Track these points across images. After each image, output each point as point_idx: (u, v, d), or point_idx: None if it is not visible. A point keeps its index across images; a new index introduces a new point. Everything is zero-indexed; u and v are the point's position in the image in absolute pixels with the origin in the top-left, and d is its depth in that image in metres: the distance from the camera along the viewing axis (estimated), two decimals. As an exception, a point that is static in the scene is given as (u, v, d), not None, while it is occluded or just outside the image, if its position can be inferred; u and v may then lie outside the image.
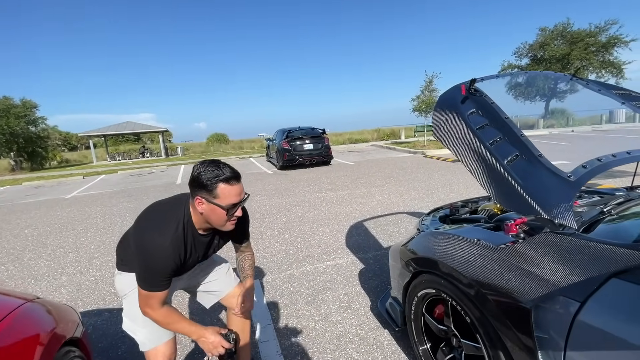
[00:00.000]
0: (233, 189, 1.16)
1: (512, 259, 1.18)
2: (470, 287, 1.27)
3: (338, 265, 3.08)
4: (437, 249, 1.51)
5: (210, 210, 1.17)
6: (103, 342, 2.16)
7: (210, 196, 1.15)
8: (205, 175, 1.14)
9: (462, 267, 1.33)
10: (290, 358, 1.89)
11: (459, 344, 1.44)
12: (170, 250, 1.18)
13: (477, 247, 1.34)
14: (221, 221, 1.21)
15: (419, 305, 1.64)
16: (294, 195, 6.30)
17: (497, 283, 1.17)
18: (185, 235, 1.24)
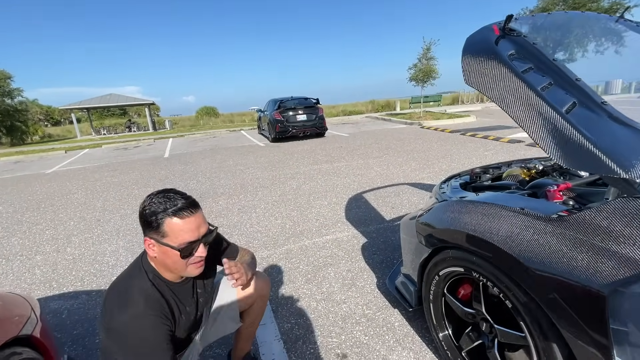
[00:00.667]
0: (186, 223, 0.93)
1: (576, 232, 0.92)
2: (515, 267, 1.03)
3: (338, 239, 2.86)
4: (467, 220, 1.26)
5: (163, 253, 0.95)
6: (79, 328, 1.92)
7: (158, 235, 0.93)
8: (150, 209, 0.92)
9: (504, 242, 1.07)
10: (291, 343, 1.68)
11: (491, 329, 1.23)
12: (151, 315, 0.93)
13: (522, 217, 1.08)
14: (180, 265, 0.97)
15: (440, 285, 1.42)
16: (288, 168, 6.00)
17: (557, 262, 0.93)
18: (159, 290, 0.99)
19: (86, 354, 1.71)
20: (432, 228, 1.45)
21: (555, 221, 0.99)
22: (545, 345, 0.97)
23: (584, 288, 0.85)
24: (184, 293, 1.09)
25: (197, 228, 0.95)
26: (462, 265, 1.26)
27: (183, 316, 1.06)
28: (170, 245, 0.92)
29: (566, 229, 0.95)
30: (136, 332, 0.88)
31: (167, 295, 1.00)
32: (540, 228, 1.01)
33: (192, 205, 0.96)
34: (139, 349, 0.88)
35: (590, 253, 0.87)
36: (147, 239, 0.94)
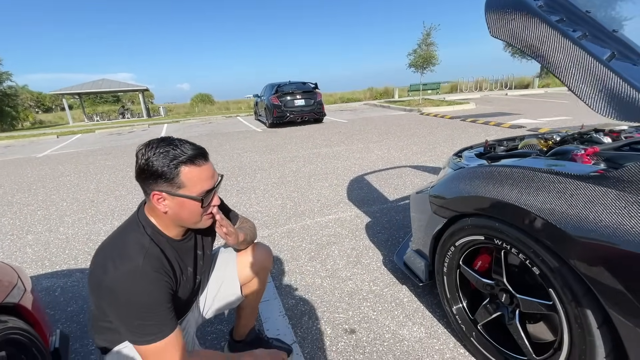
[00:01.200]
0: (203, 171, 0.85)
1: (621, 190, 0.84)
2: (548, 230, 0.95)
3: (341, 219, 2.78)
4: (489, 186, 1.17)
5: (178, 206, 0.85)
6: (73, 305, 1.84)
7: (172, 187, 0.83)
8: (158, 160, 0.80)
9: (534, 205, 0.99)
10: (296, 319, 1.61)
11: (512, 300, 1.16)
12: (150, 271, 0.83)
13: (555, 178, 0.99)
14: (195, 217, 0.89)
15: (455, 257, 1.34)
16: (286, 152, 5.88)
17: (597, 224, 0.85)
18: (158, 246, 0.89)
19: (81, 330, 1.63)
20: (448, 197, 1.36)
21: (595, 179, 0.90)
22: (577, 312, 0.90)
23: (630, 252, 0.77)
24: (185, 251, 1.00)
25: (211, 176, 0.87)
26: (482, 233, 1.18)
27: (184, 276, 0.97)
28: (188, 196, 0.83)
29: (608, 187, 0.87)
30: (134, 288, 0.78)
31: (167, 252, 0.91)
32: (577, 188, 0.92)
33: (204, 154, 0.86)
34: (137, 308, 0.78)
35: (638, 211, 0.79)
36: (157, 193, 0.83)
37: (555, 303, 0.97)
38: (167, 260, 0.88)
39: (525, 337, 1.12)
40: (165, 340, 0.82)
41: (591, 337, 0.88)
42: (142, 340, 0.81)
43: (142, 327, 0.80)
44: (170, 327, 0.83)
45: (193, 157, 0.83)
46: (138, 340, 0.81)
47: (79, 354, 1.48)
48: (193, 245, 1.03)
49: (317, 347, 1.43)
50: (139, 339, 0.81)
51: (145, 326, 0.80)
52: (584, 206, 0.89)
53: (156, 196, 0.83)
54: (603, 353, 0.88)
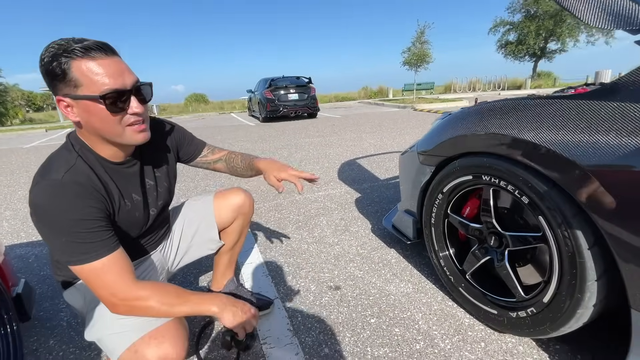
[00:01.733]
0: (100, 65, 0.69)
1: (619, 100, 0.80)
2: (536, 154, 0.90)
3: (331, 194, 2.73)
4: (477, 123, 1.13)
5: (85, 112, 0.72)
6: (46, 270, 1.75)
7: (69, 87, 0.70)
8: (48, 57, 0.68)
9: (523, 131, 0.95)
10: (279, 279, 1.55)
11: (500, 242, 1.11)
12: (71, 184, 0.72)
13: (549, 101, 0.95)
14: (112, 126, 0.74)
15: (443, 206, 1.29)
16: (279, 141, 5.82)
17: (588, 141, 0.81)
18: (88, 164, 0.78)
19: (52, 291, 1.55)
20: (436, 144, 1.32)
21: (590, 95, 0.86)
22: (568, 234, 0.85)
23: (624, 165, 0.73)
24: (128, 177, 0.88)
25: (119, 74, 0.72)
26: (470, 172, 1.14)
27: (127, 202, 0.86)
28: (87, 96, 0.70)
29: (599, 100, 0.83)
30: (54, 201, 0.70)
31: (99, 172, 0.80)
32: (570, 107, 0.88)
33: (105, 47, 0.71)
34: (61, 223, 0.70)
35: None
36: (61, 99, 0.71)
37: (544, 231, 0.92)
38: (97, 178, 0.79)
39: (514, 277, 1.07)
40: (103, 260, 0.73)
41: (582, 259, 0.84)
42: (75, 259, 0.72)
43: (71, 245, 0.71)
44: (108, 248, 0.74)
45: (86, 49, 0.68)
46: (71, 259, 0.72)
47: (48, 312, 1.40)
48: (138, 172, 0.91)
49: (299, 302, 1.36)
50: (72, 259, 0.72)
51: (74, 244, 0.71)
52: (574, 125, 0.84)
53: (61, 103, 0.72)
54: (594, 276, 0.83)
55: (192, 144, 1.14)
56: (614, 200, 0.75)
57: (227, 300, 0.81)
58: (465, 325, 1.19)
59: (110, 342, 0.79)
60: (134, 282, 0.76)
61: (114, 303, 0.74)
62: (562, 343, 1.07)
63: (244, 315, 0.81)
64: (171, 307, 0.76)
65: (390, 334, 1.16)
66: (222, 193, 1.23)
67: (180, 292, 0.80)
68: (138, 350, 0.75)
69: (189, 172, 3.83)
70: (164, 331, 0.78)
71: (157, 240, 1.07)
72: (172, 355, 0.76)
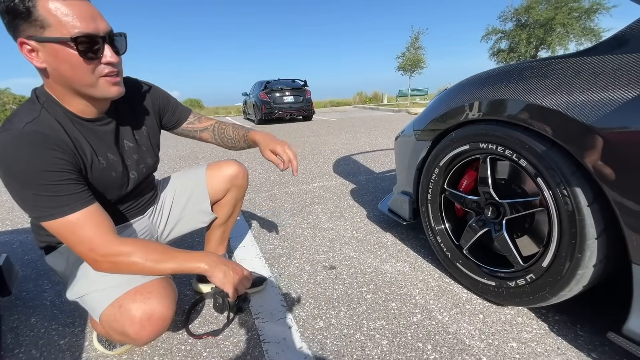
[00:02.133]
0: (71, 6, 0.63)
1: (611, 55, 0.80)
2: (537, 115, 0.89)
3: (326, 186, 2.70)
4: (475, 92, 1.12)
5: (53, 58, 0.66)
6: (31, 254, 1.69)
7: (35, 28, 0.63)
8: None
9: (520, 93, 0.94)
10: (273, 260, 1.51)
11: (498, 213, 1.10)
12: (33, 134, 0.67)
13: (545, 62, 0.95)
14: (84, 75, 0.68)
15: (439, 181, 1.28)
16: (273, 140, 5.79)
17: (585, 97, 0.80)
18: (55, 118, 0.73)
19: (35, 274, 1.49)
20: (433, 118, 1.31)
21: (587, 52, 0.86)
22: (567, 192, 0.84)
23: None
24: (101, 135, 0.81)
25: (91, 18, 0.65)
26: (467, 141, 1.12)
27: (100, 160, 0.80)
28: (57, 38, 0.63)
29: (595, 55, 0.82)
30: (15, 152, 0.65)
31: (67, 126, 0.74)
32: (567, 66, 0.88)
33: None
34: (25, 175, 0.65)
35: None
36: (23, 41, 0.64)
37: (543, 192, 0.91)
38: (65, 132, 0.73)
39: (512, 246, 1.06)
40: (77, 214, 0.68)
41: (581, 217, 0.82)
42: (45, 214, 0.67)
43: (40, 199, 0.67)
44: (82, 202, 0.70)
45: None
46: (41, 214, 0.68)
47: (31, 292, 1.34)
48: (113, 131, 0.85)
49: (294, 281, 1.33)
50: (42, 213, 0.68)
51: (43, 197, 0.67)
52: (572, 83, 0.84)
53: (24, 46, 0.65)
54: (594, 234, 0.82)
55: (178, 110, 1.08)
56: (615, 154, 0.74)
57: (218, 258, 0.77)
58: (463, 300, 1.16)
59: (93, 298, 0.76)
60: (115, 238, 0.72)
61: (95, 259, 0.71)
62: (561, 314, 1.05)
63: (235, 275, 0.77)
64: (157, 264, 0.72)
65: (386, 308, 1.13)
66: (216, 164, 1.20)
67: (166, 248, 0.76)
68: (122, 304, 0.72)
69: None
70: (151, 287, 0.75)
71: (143, 206, 1.03)
72: (159, 311, 0.72)
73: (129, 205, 0.97)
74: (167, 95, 1.05)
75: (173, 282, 0.81)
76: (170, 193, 1.14)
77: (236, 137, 1.14)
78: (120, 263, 0.71)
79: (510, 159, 0.99)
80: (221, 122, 1.17)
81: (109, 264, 0.71)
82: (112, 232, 0.73)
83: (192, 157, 4.32)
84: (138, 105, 0.95)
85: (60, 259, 0.89)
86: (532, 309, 1.09)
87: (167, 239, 1.14)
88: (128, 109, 0.90)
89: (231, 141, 1.15)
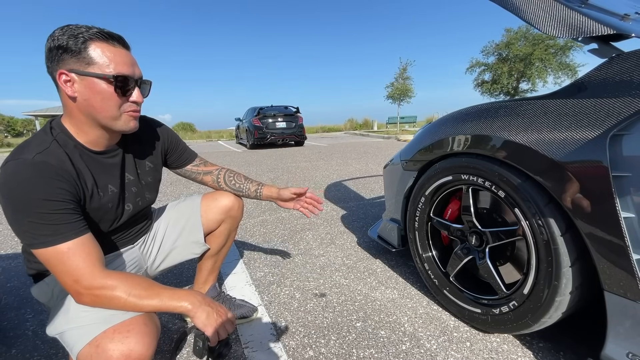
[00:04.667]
0: (118, 53, 0.75)
1: (578, 98, 0.89)
2: (513, 152, 0.97)
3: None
4: (455, 126, 1.20)
5: (88, 89, 0.73)
6: (14, 282, 1.65)
7: (80, 63, 0.71)
8: (64, 35, 0.71)
9: (502, 130, 1.03)
10: (263, 287, 1.51)
11: (481, 241, 1.15)
12: (39, 163, 0.70)
13: (512, 104, 1.04)
14: (111, 108, 0.76)
15: (426, 209, 1.33)
16: (265, 165, 5.86)
17: (554, 136, 0.88)
18: (64, 149, 0.77)
19: (18, 302, 1.45)
20: (419, 149, 1.38)
21: (554, 95, 0.95)
22: (542, 222, 0.90)
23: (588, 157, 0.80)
24: (106, 167, 0.86)
25: (131, 64, 0.77)
26: (450, 172, 1.19)
27: (100, 192, 0.83)
28: (99, 74, 0.72)
29: (562, 98, 0.91)
30: (18, 178, 0.68)
31: (74, 158, 0.78)
32: (537, 106, 0.97)
33: (123, 40, 0.77)
34: (25, 202, 0.67)
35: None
36: (64, 72, 0.71)
37: (520, 222, 0.96)
38: (71, 164, 0.77)
39: (496, 273, 1.10)
40: (68, 244, 0.70)
41: (556, 246, 0.88)
42: (38, 242, 0.69)
43: (35, 226, 0.68)
44: (75, 232, 0.71)
45: (106, 35, 0.74)
46: (34, 242, 0.69)
47: (13, 322, 1.31)
48: (119, 163, 0.90)
49: (284, 309, 1.33)
50: (35, 241, 0.69)
51: (38, 225, 0.68)
52: (542, 122, 0.92)
53: (62, 76, 0.72)
54: (568, 262, 0.87)
55: (185, 153, 1.14)
56: (581, 187, 0.81)
57: (203, 299, 0.76)
58: (450, 327, 1.18)
59: (72, 336, 0.73)
60: (101, 270, 0.72)
61: (79, 291, 0.71)
62: (545, 341, 1.08)
63: (218, 318, 0.74)
64: (140, 300, 0.71)
65: (376, 336, 1.14)
66: (211, 194, 1.21)
67: (151, 284, 0.75)
68: (100, 344, 0.68)
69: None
70: (130, 325, 0.71)
71: (134, 236, 1.04)
72: (137, 351, 0.68)
73: (120, 235, 0.98)
74: (177, 137, 1.12)
75: (156, 318, 0.79)
76: (164, 223, 1.16)
77: (248, 187, 1.21)
78: (103, 296, 0.71)
79: (489, 190, 1.05)
80: (229, 169, 1.22)
81: (91, 297, 0.71)
82: (99, 264, 0.73)
83: (183, 182, 4.32)
84: (147, 142, 1.00)
85: (46, 289, 0.88)
86: (517, 336, 1.11)
87: (157, 270, 1.14)
88: (136, 144, 0.96)
89: (240, 190, 1.21)
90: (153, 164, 1.02)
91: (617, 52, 0.88)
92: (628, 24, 0.92)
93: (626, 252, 0.75)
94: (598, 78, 0.87)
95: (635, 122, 0.75)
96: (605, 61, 0.88)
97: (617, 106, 0.78)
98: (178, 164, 1.13)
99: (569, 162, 0.83)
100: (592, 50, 0.93)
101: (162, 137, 1.05)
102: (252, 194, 1.21)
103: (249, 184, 1.20)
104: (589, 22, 0.89)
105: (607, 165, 0.76)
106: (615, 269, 0.78)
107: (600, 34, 0.86)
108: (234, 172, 1.21)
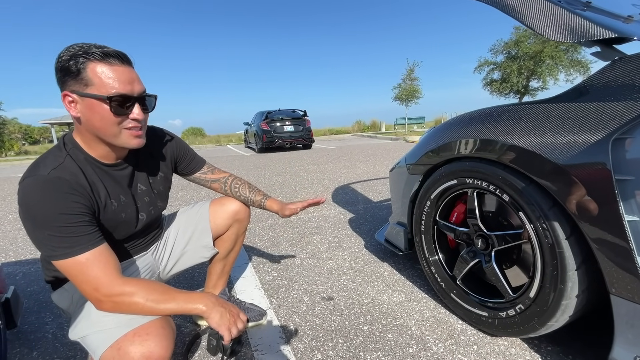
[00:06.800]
0: (115, 71, 0.76)
1: (583, 102, 0.89)
2: (518, 156, 0.98)
3: (325, 215, 2.76)
4: (459, 131, 1.21)
5: (88, 109, 0.76)
6: (33, 286, 1.72)
7: (79, 85, 0.75)
8: (66, 55, 0.74)
9: (506, 134, 1.03)
10: (272, 291, 1.54)
11: (487, 244, 1.15)
12: (55, 179, 0.75)
13: (515, 107, 1.05)
14: (110, 127, 0.78)
15: (431, 213, 1.34)
16: (274, 169, 5.91)
17: (557, 139, 0.89)
18: (77, 163, 0.82)
19: (38, 306, 1.51)
20: (424, 153, 1.39)
21: (554, 99, 0.96)
22: (546, 226, 0.90)
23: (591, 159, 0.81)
24: (118, 179, 0.90)
25: (129, 81, 0.77)
26: (455, 176, 1.20)
27: (113, 203, 0.87)
28: (94, 95, 0.74)
29: (565, 102, 0.92)
30: (36, 195, 0.72)
31: (87, 171, 0.82)
32: (541, 110, 0.97)
33: (122, 56, 0.77)
34: (44, 217, 0.71)
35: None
36: (67, 94, 0.75)
37: (525, 225, 0.97)
38: (84, 177, 0.81)
39: (502, 277, 1.10)
40: (86, 255, 0.73)
41: (561, 249, 0.88)
42: (57, 254, 0.72)
43: (54, 239, 0.72)
44: (92, 242, 0.75)
45: (105, 55, 0.75)
46: (53, 254, 0.72)
47: (33, 325, 1.36)
48: (129, 175, 0.94)
49: (292, 312, 1.35)
50: (54, 253, 0.72)
51: (57, 238, 0.72)
52: (546, 125, 0.93)
53: (66, 98, 0.76)
54: (574, 265, 0.87)
55: (194, 161, 1.18)
56: (584, 190, 0.81)
57: (216, 300, 0.80)
58: (457, 330, 1.18)
59: (94, 340, 0.77)
60: (119, 278, 0.76)
61: (99, 299, 0.74)
62: (554, 344, 1.08)
63: (231, 317, 0.78)
64: (157, 304, 0.75)
65: (383, 339, 1.16)
66: (219, 200, 1.25)
67: (167, 289, 0.79)
68: (121, 347, 0.73)
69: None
70: (149, 328, 0.76)
71: (147, 243, 1.08)
72: (157, 353, 0.73)
73: (134, 243, 1.03)
74: (186, 146, 1.16)
75: (172, 322, 0.83)
76: (174, 229, 1.20)
77: (252, 199, 1.24)
78: (122, 303, 0.74)
79: (494, 194, 1.06)
80: (236, 177, 1.25)
81: (111, 304, 0.75)
82: (117, 272, 0.77)
83: (194, 187, 4.39)
84: (157, 153, 1.04)
85: (66, 296, 0.92)
86: (525, 339, 1.11)
87: (169, 274, 1.18)
88: (147, 155, 1.00)
89: (245, 200, 1.24)
90: (164, 173, 1.06)
91: (619, 55, 0.88)
92: (631, 26, 0.92)
93: (631, 255, 0.75)
94: (600, 81, 0.87)
95: (638, 125, 0.75)
96: (607, 64, 0.88)
97: (620, 109, 0.79)
98: (187, 172, 1.18)
99: (572, 165, 0.83)
100: (595, 54, 0.94)
101: (173, 148, 1.10)
102: (256, 204, 1.24)
103: (252, 196, 1.23)
104: (591, 26, 0.90)
105: (610, 169, 0.76)
106: (621, 272, 0.78)
107: (602, 37, 0.86)
108: (240, 181, 1.24)
